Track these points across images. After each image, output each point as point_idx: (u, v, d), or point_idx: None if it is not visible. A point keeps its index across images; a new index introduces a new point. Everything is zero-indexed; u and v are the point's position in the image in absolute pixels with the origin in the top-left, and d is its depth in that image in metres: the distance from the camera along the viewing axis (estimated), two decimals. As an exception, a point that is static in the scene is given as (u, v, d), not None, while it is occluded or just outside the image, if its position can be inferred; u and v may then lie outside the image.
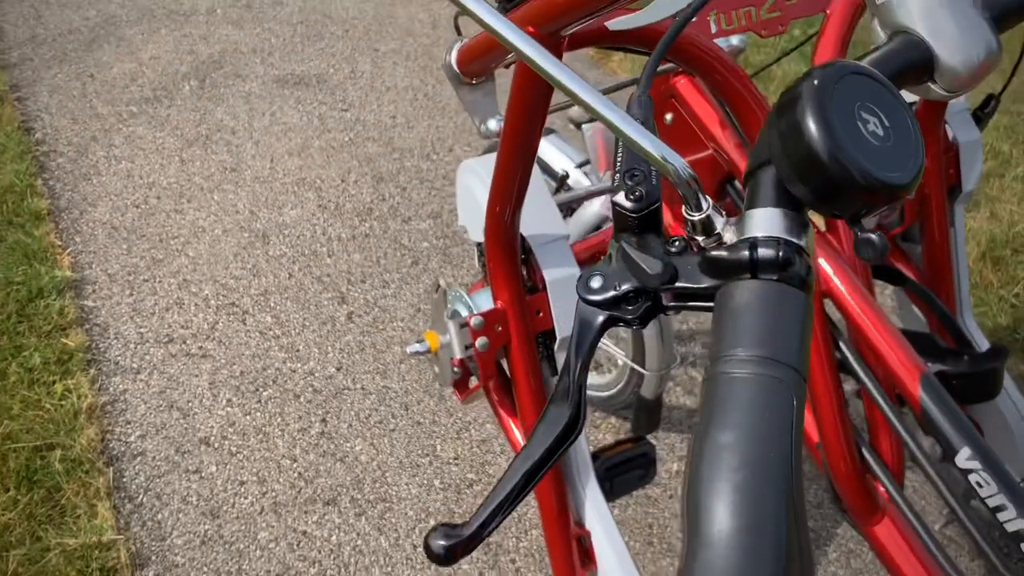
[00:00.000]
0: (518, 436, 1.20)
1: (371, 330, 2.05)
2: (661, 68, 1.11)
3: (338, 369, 1.95)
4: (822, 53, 1.05)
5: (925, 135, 1.28)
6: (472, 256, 2.23)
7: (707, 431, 0.36)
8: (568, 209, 1.51)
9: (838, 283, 1.04)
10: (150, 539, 1.64)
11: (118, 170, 2.61)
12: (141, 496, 1.71)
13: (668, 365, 1.59)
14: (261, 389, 1.92)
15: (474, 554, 1.59)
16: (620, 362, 1.68)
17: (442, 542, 0.45)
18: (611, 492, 1.28)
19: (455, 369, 1.15)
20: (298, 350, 2.00)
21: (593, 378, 1.79)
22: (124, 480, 1.74)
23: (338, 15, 3.51)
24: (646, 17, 0.60)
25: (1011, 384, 1.32)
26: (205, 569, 1.60)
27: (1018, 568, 0.95)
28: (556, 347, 1.13)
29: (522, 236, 1.09)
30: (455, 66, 1.00)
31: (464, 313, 1.10)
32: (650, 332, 1.53)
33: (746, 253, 0.40)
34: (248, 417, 1.86)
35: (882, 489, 1.10)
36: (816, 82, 0.40)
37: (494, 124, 1.03)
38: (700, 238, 0.43)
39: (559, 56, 0.82)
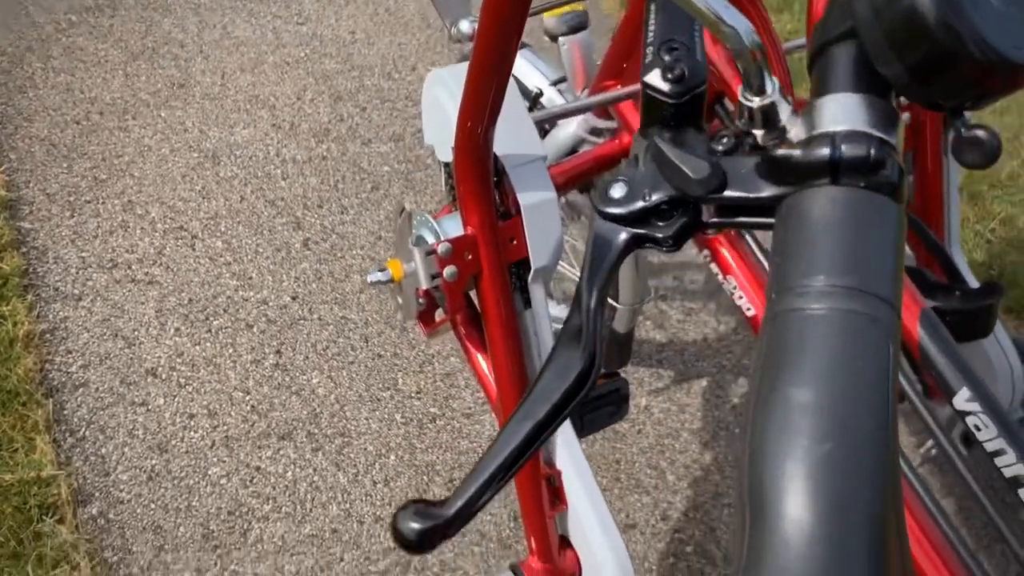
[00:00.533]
0: (487, 373, 1.12)
1: (328, 258, 1.94)
2: None
3: (293, 298, 1.85)
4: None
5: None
6: (437, 182, 2.12)
7: (775, 387, 0.27)
8: (541, 130, 1.41)
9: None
10: (93, 474, 1.56)
11: (56, 83, 2.44)
12: (83, 429, 1.62)
13: (642, 298, 1.52)
14: (211, 318, 1.81)
15: (437, 491, 1.53)
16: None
17: (415, 524, 0.36)
18: (582, 429, 1.22)
19: (420, 300, 1.06)
20: (251, 278, 1.90)
21: (563, 311, 1.72)
22: (65, 413, 1.64)
23: (293, -77, 3.30)
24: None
25: (1001, 329, 1.27)
26: (152, 506, 1.52)
27: (1014, 515, 0.91)
28: (530, 278, 1.04)
29: (495, 156, 1.00)
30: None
31: (431, 240, 1.01)
32: (626, 262, 1.45)
33: (826, 151, 0.32)
34: (198, 347, 1.76)
35: None
36: None
37: (466, 26, 0.93)
38: (758, 132, 0.34)
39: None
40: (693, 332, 1.82)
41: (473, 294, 1.10)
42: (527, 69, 1.42)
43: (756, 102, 0.33)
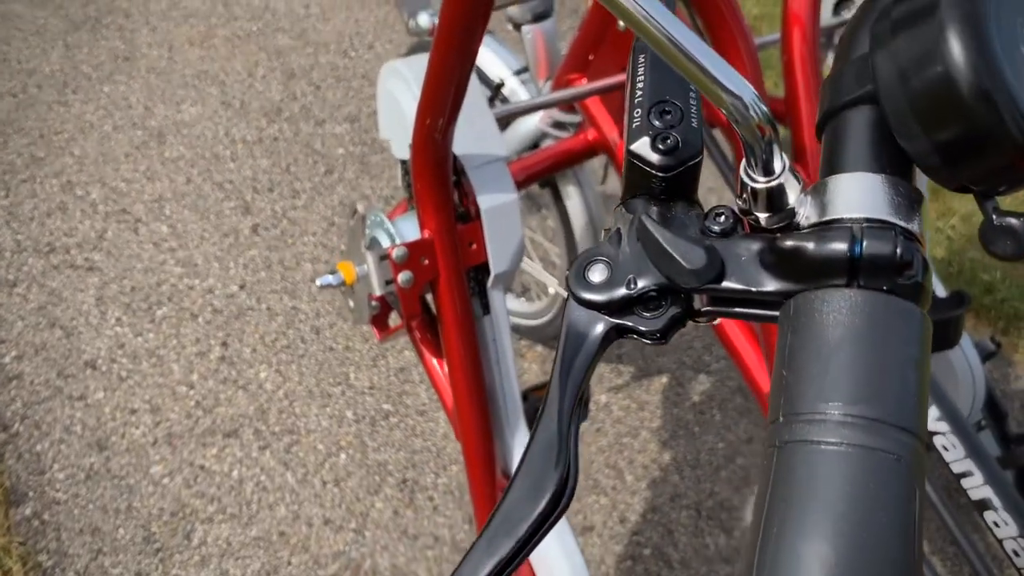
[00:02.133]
0: (443, 379, 1.07)
1: (279, 244, 1.87)
2: None
3: (241, 287, 1.78)
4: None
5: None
6: (394, 166, 2.05)
7: (783, 534, 0.23)
8: (501, 123, 1.36)
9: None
10: (27, 473, 1.48)
11: (-9, 53, 2.31)
12: (17, 424, 1.54)
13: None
14: (155, 307, 1.74)
15: (389, 491, 1.48)
16: (552, 290, 1.56)
17: None
18: None
19: (373, 304, 1.01)
20: (196, 265, 1.82)
21: (520, 305, 1.67)
22: (-3, 406, 1.56)
23: None
24: None
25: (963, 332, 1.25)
26: (90, 506, 1.45)
27: (980, 537, 0.90)
28: (490, 283, 0.99)
29: (454, 155, 0.94)
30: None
31: (385, 243, 0.96)
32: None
33: (843, 246, 0.27)
34: (140, 338, 1.68)
35: None
36: None
37: (426, 19, 0.87)
38: (762, 215, 0.30)
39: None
40: (653, 327, 1.79)
41: (430, 297, 1.05)
42: (488, 58, 1.36)
43: (762, 183, 0.29)
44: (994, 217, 0.28)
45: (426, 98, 0.85)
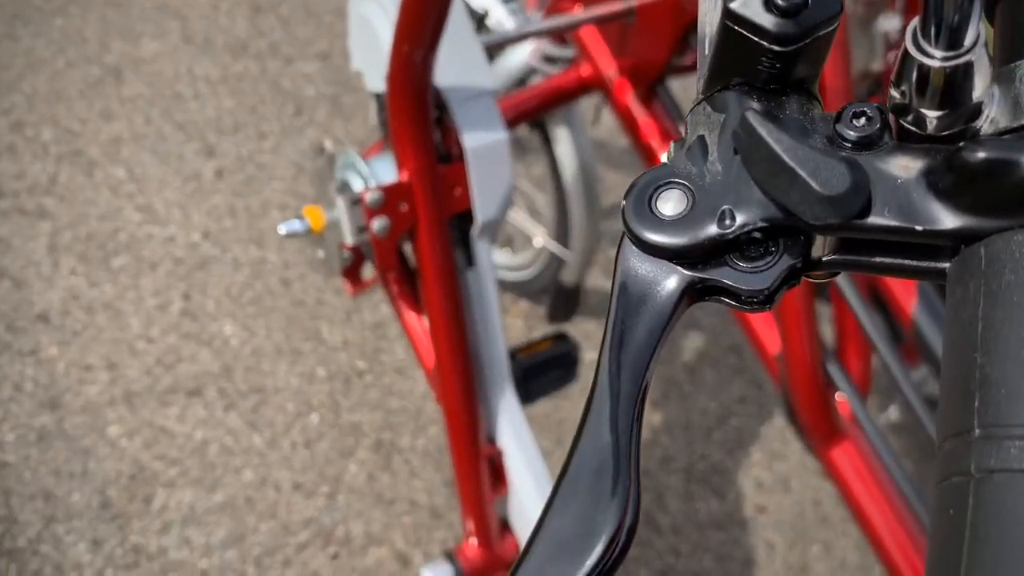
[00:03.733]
0: (423, 337, 0.98)
1: (245, 190, 1.75)
2: None
3: (204, 236, 1.67)
4: None
5: None
6: (370, 106, 1.93)
7: None
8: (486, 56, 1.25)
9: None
10: (-27, 434, 1.38)
11: (-67, -19, 2.15)
12: (-38, 382, 1.43)
13: (593, 245, 1.39)
14: (111, 256, 1.62)
15: (364, 454, 1.40)
16: (538, 241, 1.46)
17: None
18: (527, 396, 1.09)
19: (345, 255, 0.91)
20: (156, 211, 1.70)
21: (503, 256, 1.58)
22: (-60, 362, 1.45)
23: None
24: None
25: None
26: (42, 469, 1.35)
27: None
28: (475, 231, 0.90)
29: (436, 88, 0.84)
30: None
31: (358, 186, 0.85)
32: (578, 207, 1.31)
33: None
34: (95, 289, 1.57)
35: (844, 409, 0.95)
36: None
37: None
38: (932, 114, 0.20)
39: None
40: (642, 280, 1.70)
41: (408, 248, 0.95)
42: (472, -15, 1.24)
43: (938, 59, 0.19)
44: None
45: (404, 22, 0.74)
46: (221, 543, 1.30)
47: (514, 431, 0.98)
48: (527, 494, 0.97)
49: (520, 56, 1.18)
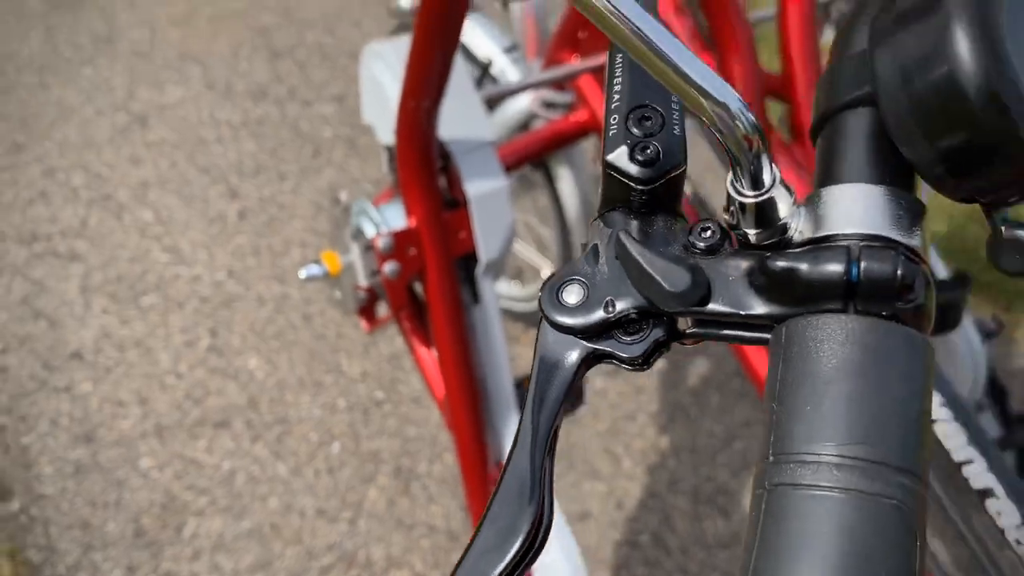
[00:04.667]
0: (433, 369, 1.05)
1: (267, 230, 1.83)
2: None
3: (229, 274, 1.75)
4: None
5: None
6: (382, 155, 2.01)
7: None
8: (491, 104, 1.32)
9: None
10: (14, 467, 1.45)
11: (-31, 36, 2.26)
12: (3, 418, 1.51)
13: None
14: (141, 296, 1.70)
15: (383, 481, 1.46)
16: (546, 273, 1.53)
17: None
18: None
19: (360, 295, 0.98)
20: (182, 252, 1.78)
21: (514, 289, 1.64)
22: (-18, 400, 1.53)
23: None
24: None
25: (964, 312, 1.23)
26: (78, 500, 1.42)
27: (980, 525, 0.87)
28: (479, 271, 0.96)
29: (441, 141, 0.91)
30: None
31: (370, 232, 0.92)
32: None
33: (839, 268, 0.25)
34: (126, 328, 1.65)
35: None
36: None
37: (407, 0, 0.83)
38: (751, 231, 0.27)
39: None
40: (649, 308, 1.76)
41: (418, 285, 1.02)
42: (476, 36, 1.32)
43: (750, 197, 0.26)
44: (1003, 230, 0.25)
45: (410, 81, 0.81)
46: (249, 568, 1.36)
47: None
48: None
49: (522, 103, 1.25)
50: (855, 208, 0.26)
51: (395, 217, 0.93)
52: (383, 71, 0.94)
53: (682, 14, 0.96)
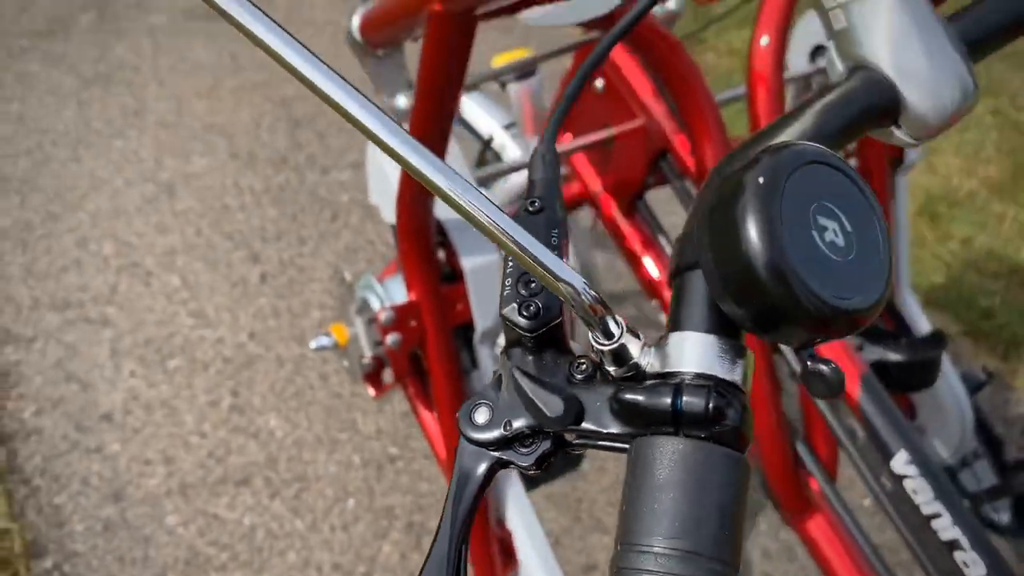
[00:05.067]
0: (436, 432, 1.12)
1: (286, 292, 1.92)
2: (588, 37, 1.01)
3: (250, 336, 1.83)
4: (765, 22, 0.95)
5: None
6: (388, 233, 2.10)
7: None
8: (493, 178, 1.41)
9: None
10: (47, 526, 1.53)
11: (8, 113, 2.39)
12: (37, 478, 1.59)
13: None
14: (167, 359, 1.79)
15: (396, 535, 1.52)
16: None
17: None
18: (538, 479, 1.21)
19: (366, 363, 1.05)
20: (207, 315, 1.87)
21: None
22: (18, 461, 1.62)
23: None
24: (562, 18, 0.49)
25: (948, 367, 1.28)
26: (108, 557, 1.49)
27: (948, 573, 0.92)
28: (476, 339, 1.04)
29: (438, 220, 0.99)
30: (357, 34, 0.88)
31: (374, 305, 1.00)
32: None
33: (667, 400, 0.32)
34: (153, 390, 1.73)
35: (815, 484, 1.05)
36: (762, 177, 0.31)
37: (403, 101, 0.92)
38: (610, 368, 0.34)
39: (471, 36, 0.71)
40: (654, 362, 1.82)
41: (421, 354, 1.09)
42: (478, 114, 1.41)
43: (605, 346, 0.33)
44: (808, 364, 0.32)
45: (406, 173, 0.89)
46: (268, 621, 1.42)
47: (521, 515, 1.10)
48: (533, 567, 1.08)
49: (521, 176, 1.33)
50: (688, 352, 0.33)
51: (397, 291, 1.01)
52: (386, 160, 1.02)
53: (659, 100, 1.04)
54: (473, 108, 1.43)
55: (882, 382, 1.18)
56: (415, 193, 0.92)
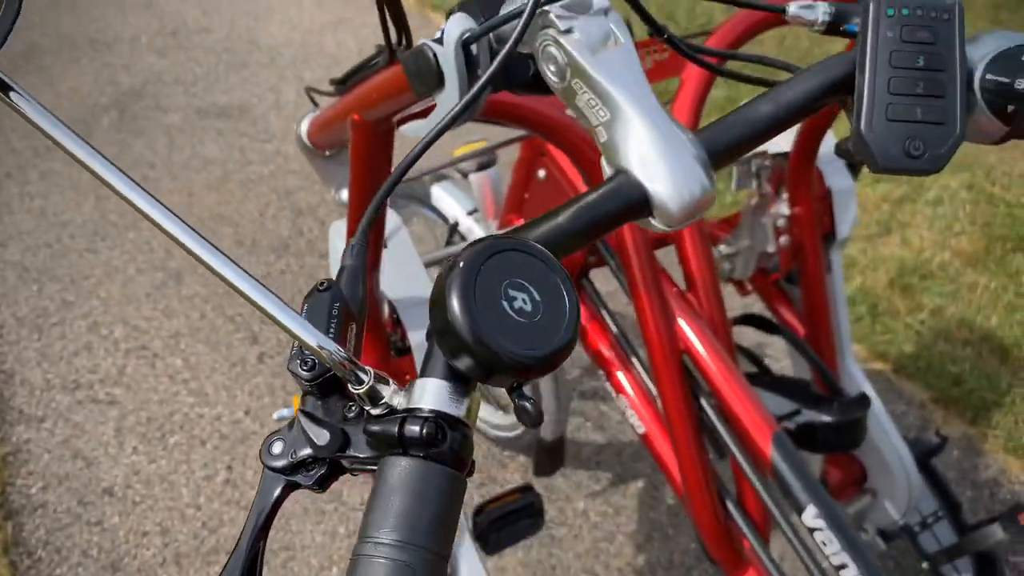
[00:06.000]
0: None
1: (281, 371, 2.03)
2: (531, 132, 1.12)
3: (246, 413, 1.93)
4: (677, 117, 1.06)
5: (797, 185, 1.31)
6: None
7: None
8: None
9: (695, 342, 1.05)
10: (47, 596, 1.61)
11: (31, 208, 2.56)
12: (40, 551, 1.68)
13: (565, 407, 1.60)
14: (168, 435, 1.89)
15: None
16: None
17: None
18: (497, 544, 1.28)
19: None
20: (207, 394, 1.98)
21: (498, 418, 1.80)
22: (23, 534, 1.71)
23: (265, 42, 3.49)
24: (426, 126, 0.60)
25: (891, 427, 1.34)
26: (103, 626, 1.57)
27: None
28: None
29: (389, 298, 1.09)
30: (305, 138, 1.00)
31: (331, 377, 1.10)
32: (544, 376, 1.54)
33: (395, 429, 0.41)
34: (153, 465, 1.83)
35: (747, 543, 1.11)
36: (461, 264, 0.41)
37: (346, 195, 1.03)
38: (367, 407, 0.44)
39: (390, 141, 0.83)
40: (631, 432, 1.89)
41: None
42: (447, 201, 1.53)
43: (359, 390, 0.43)
44: (517, 400, 0.42)
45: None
46: None
47: None
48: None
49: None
50: (426, 394, 0.43)
51: (353, 364, 1.10)
52: (340, 244, 1.14)
53: (586, 187, 1.15)
54: (442, 196, 1.55)
55: (812, 443, 1.25)
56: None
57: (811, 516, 0.97)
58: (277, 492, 0.44)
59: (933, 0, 0.51)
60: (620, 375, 1.20)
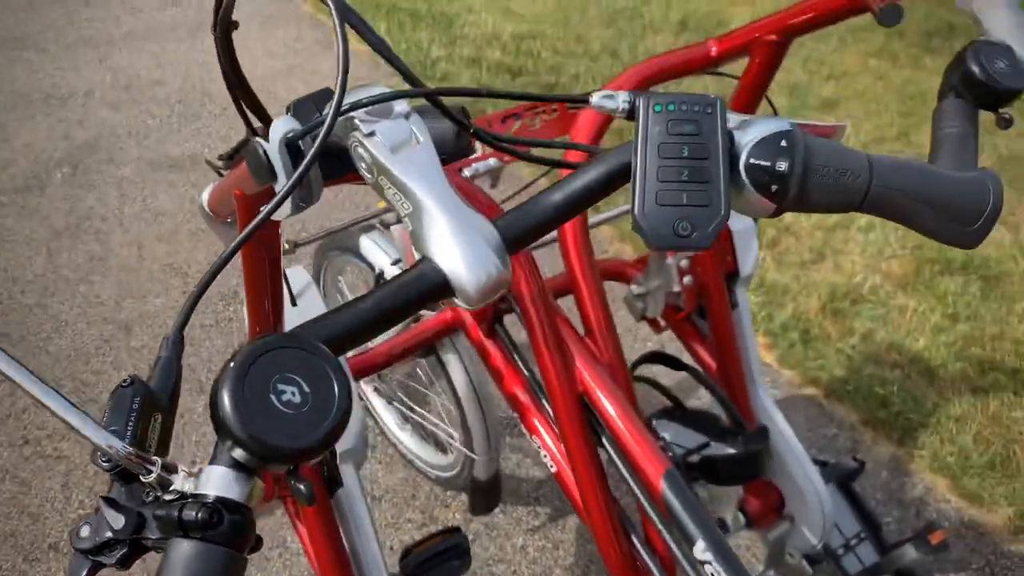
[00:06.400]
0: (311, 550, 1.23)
1: (228, 420, 2.06)
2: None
3: (193, 463, 1.96)
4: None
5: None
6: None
7: None
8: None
9: (593, 385, 1.10)
10: (-8, 655, 1.63)
11: (-18, 265, 2.59)
12: (-14, 610, 1.70)
13: (496, 448, 1.64)
14: (114, 489, 1.91)
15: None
16: (456, 443, 1.72)
17: None
18: None
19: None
20: (153, 446, 2.00)
21: (437, 458, 1.84)
22: (-31, 594, 1.73)
23: (218, 93, 3.54)
24: (282, 213, 0.65)
25: (803, 454, 1.40)
26: None
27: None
28: (338, 460, 1.17)
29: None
30: (207, 206, 1.05)
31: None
32: (474, 417, 1.58)
33: (175, 513, 0.45)
34: (99, 519, 1.85)
35: None
36: (231, 365, 0.46)
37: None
38: (159, 493, 0.48)
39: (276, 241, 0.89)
40: (571, 467, 1.94)
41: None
42: (372, 250, 1.58)
43: (148, 477, 0.47)
44: (292, 482, 0.47)
45: (252, 318, 1.06)
46: None
47: None
48: None
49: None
50: (211, 480, 0.47)
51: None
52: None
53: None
54: (369, 246, 1.60)
55: (715, 476, 1.31)
56: (263, 333, 1.07)
57: (701, 550, 1.02)
58: (84, 573, 0.49)
59: (697, 96, 0.57)
60: (533, 418, 1.25)
